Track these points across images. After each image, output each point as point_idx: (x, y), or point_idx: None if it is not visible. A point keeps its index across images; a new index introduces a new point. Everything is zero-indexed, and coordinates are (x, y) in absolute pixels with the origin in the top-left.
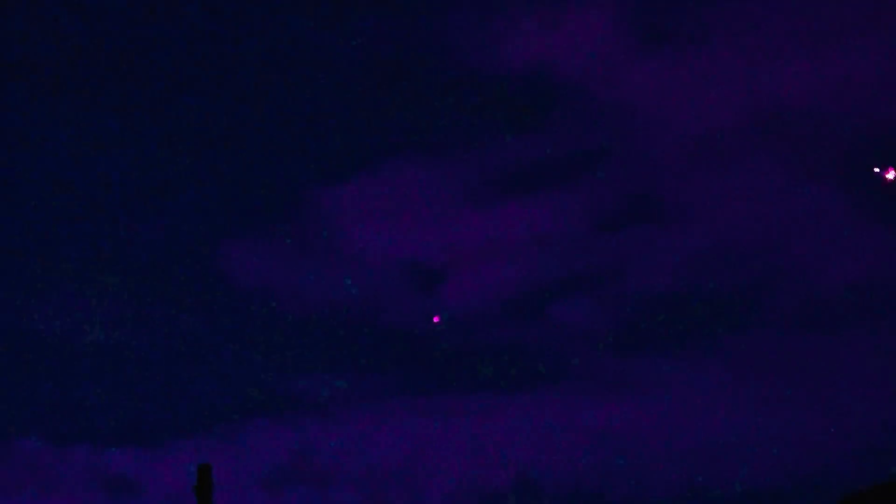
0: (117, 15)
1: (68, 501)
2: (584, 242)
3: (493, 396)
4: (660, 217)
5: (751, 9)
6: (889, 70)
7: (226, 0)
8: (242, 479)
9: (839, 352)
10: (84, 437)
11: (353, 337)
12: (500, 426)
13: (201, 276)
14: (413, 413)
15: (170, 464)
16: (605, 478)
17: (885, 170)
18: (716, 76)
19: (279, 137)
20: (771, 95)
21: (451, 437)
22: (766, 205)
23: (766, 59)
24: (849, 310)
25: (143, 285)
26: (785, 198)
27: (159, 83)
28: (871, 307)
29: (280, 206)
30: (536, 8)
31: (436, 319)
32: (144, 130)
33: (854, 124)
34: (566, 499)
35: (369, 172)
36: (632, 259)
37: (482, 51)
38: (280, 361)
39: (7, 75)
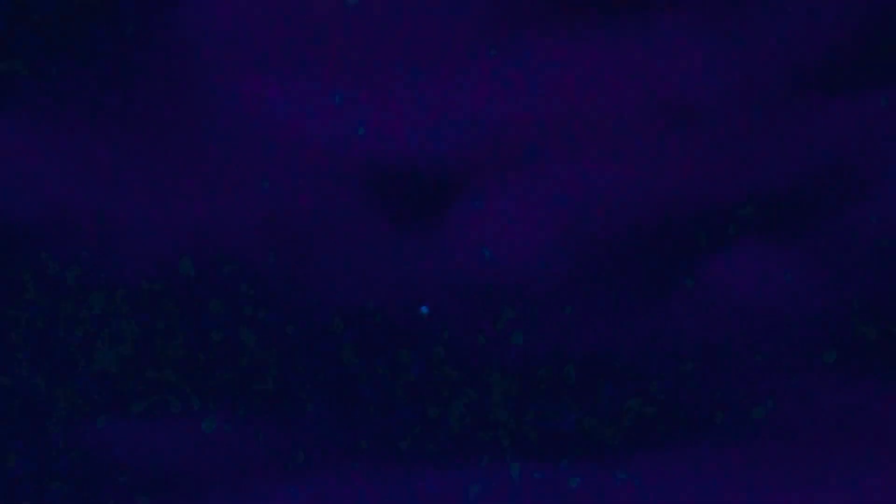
0: None
1: None
2: (773, 120)
3: (570, 467)
4: None
5: None
6: None
7: None
8: None
9: None
10: None
11: (249, 326)
12: None
13: None
14: (383, 499)
15: None
16: None
17: None
18: None
19: None
20: None
21: None
22: None
23: None
24: None
25: None
26: None
27: None
28: None
29: (95, 32)
30: None
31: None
32: None
33: None
34: None
35: None
36: (879, 160)
37: None
38: (87, 388)
39: None
